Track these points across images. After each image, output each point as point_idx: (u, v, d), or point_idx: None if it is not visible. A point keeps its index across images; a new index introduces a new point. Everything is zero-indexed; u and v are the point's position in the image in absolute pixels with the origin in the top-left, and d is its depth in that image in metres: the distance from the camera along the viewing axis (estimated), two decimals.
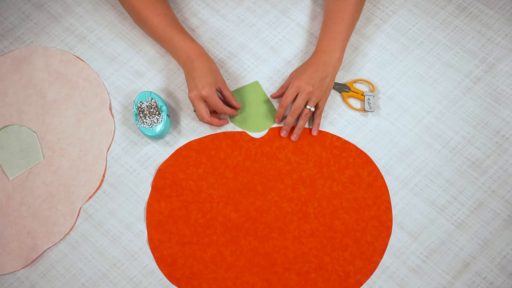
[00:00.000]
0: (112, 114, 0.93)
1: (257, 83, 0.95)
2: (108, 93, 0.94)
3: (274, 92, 0.94)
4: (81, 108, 0.93)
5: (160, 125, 0.88)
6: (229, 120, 0.92)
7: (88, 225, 0.87)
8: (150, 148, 0.91)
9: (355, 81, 0.94)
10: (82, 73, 0.95)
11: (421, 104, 0.93)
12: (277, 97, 0.93)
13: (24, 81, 0.94)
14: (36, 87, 0.94)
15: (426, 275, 0.84)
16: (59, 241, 0.86)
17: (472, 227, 0.86)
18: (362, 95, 0.93)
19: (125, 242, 0.86)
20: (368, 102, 0.92)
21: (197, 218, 0.86)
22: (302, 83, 0.86)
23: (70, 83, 0.94)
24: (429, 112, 0.92)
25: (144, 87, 0.95)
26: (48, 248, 0.85)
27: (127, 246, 0.86)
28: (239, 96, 0.94)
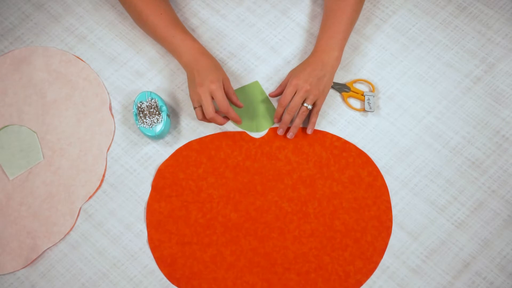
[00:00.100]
0: (112, 114, 0.93)
1: (257, 83, 0.95)
2: (108, 93, 0.94)
3: (272, 91, 0.94)
4: (81, 108, 0.93)
5: (160, 125, 0.88)
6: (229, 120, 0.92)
7: (88, 225, 0.87)
8: (150, 148, 0.91)
9: (355, 81, 0.94)
10: (82, 73, 0.95)
11: (421, 104, 0.93)
12: (275, 96, 0.93)
13: (24, 81, 0.94)
14: (36, 87, 0.94)
15: (426, 275, 0.84)
16: (59, 241, 0.86)
17: (472, 227, 0.86)
18: (362, 95, 0.93)
19: (125, 242, 0.86)
20: (368, 102, 0.92)
21: (197, 218, 0.86)
22: (300, 82, 0.86)
23: (70, 83, 0.94)
24: (429, 112, 0.92)
25: (144, 87, 0.95)
26: (48, 248, 0.85)
27: (127, 246, 0.86)
28: (239, 96, 0.93)
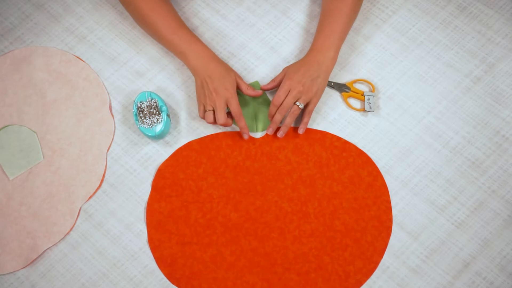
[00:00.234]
0: (112, 114, 0.93)
1: (257, 83, 0.95)
2: (108, 93, 0.94)
3: (265, 84, 0.92)
4: (81, 108, 0.93)
5: (160, 125, 0.88)
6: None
7: (88, 225, 0.87)
8: (150, 148, 0.91)
9: (355, 81, 0.94)
10: (82, 73, 0.95)
11: (421, 104, 0.93)
12: (268, 90, 0.92)
13: (24, 81, 0.94)
14: (36, 87, 0.93)
15: (426, 275, 0.84)
16: (59, 241, 0.86)
17: (472, 227, 0.86)
18: (362, 95, 0.93)
19: (125, 242, 0.86)
20: (368, 102, 0.92)
21: (197, 218, 0.86)
22: (294, 82, 0.86)
23: (70, 83, 0.94)
24: (429, 112, 0.92)
25: (144, 87, 0.95)
26: (48, 248, 0.85)
27: (127, 246, 0.86)
28: (239, 96, 0.93)
